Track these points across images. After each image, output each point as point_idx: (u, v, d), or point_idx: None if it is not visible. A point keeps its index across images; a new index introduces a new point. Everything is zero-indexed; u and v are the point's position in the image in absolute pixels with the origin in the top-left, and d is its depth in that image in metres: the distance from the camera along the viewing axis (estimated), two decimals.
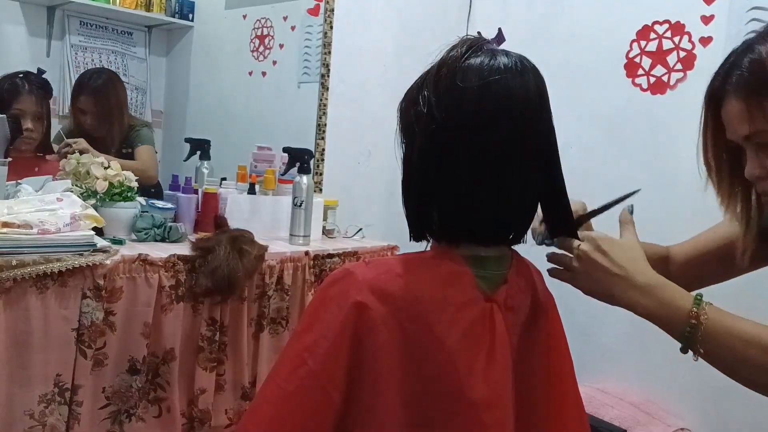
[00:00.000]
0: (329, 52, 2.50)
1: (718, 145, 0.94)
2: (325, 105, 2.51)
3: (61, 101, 2.22)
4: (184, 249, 1.68)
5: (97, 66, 2.30)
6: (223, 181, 2.17)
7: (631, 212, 0.96)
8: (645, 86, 2.41)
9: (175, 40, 2.37)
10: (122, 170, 1.76)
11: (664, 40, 2.36)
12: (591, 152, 2.49)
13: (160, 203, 1.89)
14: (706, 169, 0.96)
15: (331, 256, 1.98)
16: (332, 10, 2.49)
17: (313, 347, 0.80)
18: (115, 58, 2.35)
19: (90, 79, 2.23)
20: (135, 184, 1.78)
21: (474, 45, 0.85)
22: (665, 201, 2.22)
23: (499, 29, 0.87)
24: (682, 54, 2.31)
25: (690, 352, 0.86)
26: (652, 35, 2.38)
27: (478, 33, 0.87)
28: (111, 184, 1.71)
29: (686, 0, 2.29)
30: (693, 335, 0.84)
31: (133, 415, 1.55)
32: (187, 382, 1.64)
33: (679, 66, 2.33)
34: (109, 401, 1.51)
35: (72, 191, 1.64)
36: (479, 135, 0.81)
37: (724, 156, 0.94)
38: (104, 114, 2.20)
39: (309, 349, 0.80)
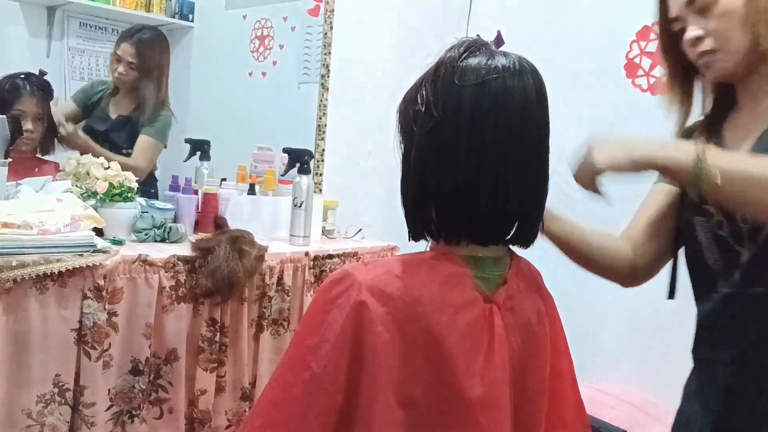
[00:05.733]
0: (329, 53, 2.50)
1: (667, 30, 1.03)
2: (325, 105, 2.51)
3: (62, 102, 2.21)
4: (184, 249, 1.68)
5: (95, 69, 2.29)
6: (223, 182, 2.17)
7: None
8: (645, 87, 2.40)
9: (175, 40, 2.36)
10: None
11: None
12: None
13: (159, 204, 1.89)
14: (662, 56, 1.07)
15: (331, 256, 1.97)
16: (332, 11, 2.49)
17: (315, 350, 0.81)
18: None
19: (137, 31, 2.22)
20: (135, 185, 1.78)
21: (472, 46, 0.85)
22: None
23: (498, 32, 0.87)
24: None
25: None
26: (652, 35, 2.38)
27: (477, 35, 0.88)
28: (111, 184, 1.71)
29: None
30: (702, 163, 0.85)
31: (135, 417, 1.54)
32: (188, 383, 1.64)
33: None
34: (113, 403, 1.51)
35: (72, 192, 1.64)
36: (477, 134, 0.81)
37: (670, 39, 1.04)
38: (143, 70, 2.20)
39: (312, 352, 0.81)
